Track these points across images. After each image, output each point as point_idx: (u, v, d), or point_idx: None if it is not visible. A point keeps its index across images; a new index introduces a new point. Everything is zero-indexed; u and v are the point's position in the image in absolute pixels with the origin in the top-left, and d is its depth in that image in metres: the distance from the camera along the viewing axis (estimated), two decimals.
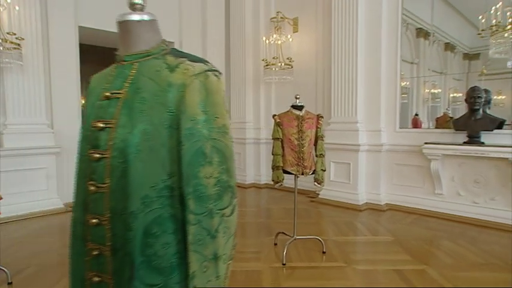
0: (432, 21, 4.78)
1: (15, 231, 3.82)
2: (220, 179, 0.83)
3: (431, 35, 4.93)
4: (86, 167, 0.85)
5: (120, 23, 0.89)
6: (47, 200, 4.51)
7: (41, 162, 4.45)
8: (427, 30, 4.98)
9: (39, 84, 4.50)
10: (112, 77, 0.88)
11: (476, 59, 4.83)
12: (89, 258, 0.85)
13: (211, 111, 0.82)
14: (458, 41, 5.02)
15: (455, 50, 5.06)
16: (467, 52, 4.92)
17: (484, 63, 4.62)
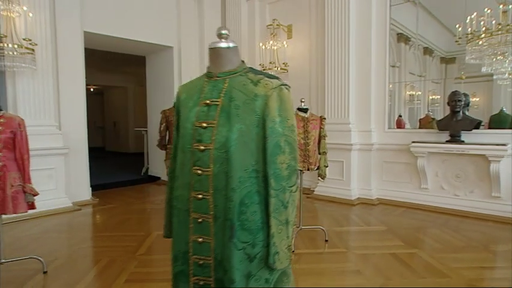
0: (417, 30, 5.20)
1: (31, 228, 3.99)
2: (290, 164, 1.14)
3: (411, 40, 5.37)
4: (190, 156, 1.14)
5: (211, 49, 1.19)
6: (56, 199, 4.67)
7: (50, 163, 4.60)
8: (407, 36, 5.41)
9: (48, 87, 4.66)
10: (207, 89, 1.17)
11: (452, 63, 5.28)
12: (193, 225, 1.14)
13: (284, 115, 1.13)
14: (435, 46, 5.47)
15: (433, 54, 5.50)
16: (444, 56, 5.38)
17: (460, 66, 5.06)
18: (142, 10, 5.91)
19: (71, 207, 4.77)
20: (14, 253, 3.06)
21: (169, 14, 6.31)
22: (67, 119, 4.98)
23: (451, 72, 5.28)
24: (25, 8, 4.09)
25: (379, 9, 5.12)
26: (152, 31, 6.08)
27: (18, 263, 2.86)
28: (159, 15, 6.17)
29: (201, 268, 1.15)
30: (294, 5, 6.10)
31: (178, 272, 1.18)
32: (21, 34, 4.10)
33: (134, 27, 5.82)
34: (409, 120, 5.58)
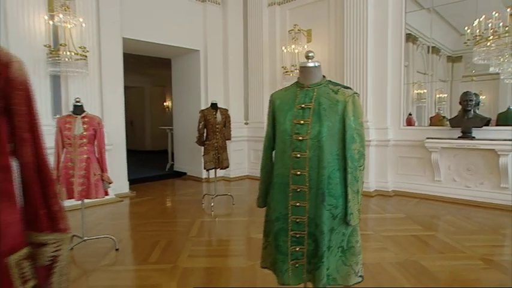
0: (431, 34, 5.58)
1: (88, 215, 4.47)
2: (360, 150, 1.60)
3: (418, 40, 5.74)
4: (290, 145, 1.60)
5: (302, 67, 1.65)
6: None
7: None
8: (415, 35, 5.76)
9: (94, 90, 5.15)
10: (300, 96, 1.63)
11: (459, 62, 5.63)
12: (292, 194, 1.60)
13: (356, 115, 1.59)
14: (442, 45, 5.72)
15: (440, 53, 5.86)
16: (451, 55, 5.73)
17: (466, 65, 5.40)
18: (172, 17, 6.38)
19: (114, 199, 5.25)
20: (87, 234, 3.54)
21: (196, 19, 6.78)
22: (109, 118, 5.46)
23: (458, 71, 5.62)
24: (81, 20, 4.56)
25: (395, 15, 5.54)
26: (180, 36, 6.55)
27: (94, 241, 3.34)
28: (187, 21, 6.64)
29: (297, 225, 1.60)
30: (313, 11, 6.54)
31: (279, 229, 1.64)
32: (77, 43, 4.57)
33: (165, 32, 6.29)
34: (416, 118, 5.94)
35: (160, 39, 6.31)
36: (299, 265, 1.63)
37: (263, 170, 1.81)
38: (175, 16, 6.45)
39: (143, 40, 6.13)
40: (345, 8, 5.78)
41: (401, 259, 2.98)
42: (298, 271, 1.63)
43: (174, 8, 6.43)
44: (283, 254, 1.63)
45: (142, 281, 2.65)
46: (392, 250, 3.19)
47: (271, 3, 7.04)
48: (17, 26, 4.40)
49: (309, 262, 1.62)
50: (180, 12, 6.52)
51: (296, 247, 1.61)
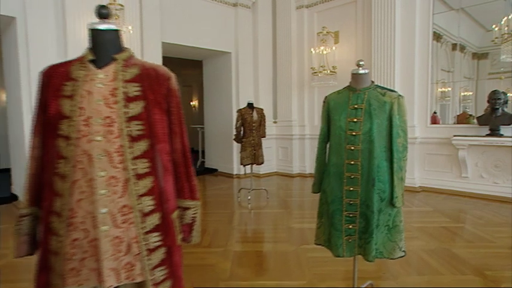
0: (459, 33, 5.69)
1: None
2: (403, 144, 1.88)
3: (442, 37, 5.83)
4: (344, 139, 1.90)
5: (354, 74, 1.94)
6: None
7: None
8: (439, 33, 5.85)
9: None
10: (353, 98, 1.93)
11: (484, 58, 5.69)
12: (346, 180, 1.91)
13: (400, 114, 1.87)
14: (467, 41, 5.69)
15: (465, 50, 5.92)
16: (476, 52, 5.80)
17: (492, 62, 5.43)
18: (206, 21, 6.76)
19: None
20: None
21: (228, 23, 7.14)
22: None
23: (484, 68, 5.66)
24: (130, 27, 4.99)
25: (422, 16, 5.72)
26: (213, 39, 6.92)
27: None
28: (220, 24, 7.01)
29: (350, 206, 1.91)
30: (341, 13, 6.78)
31: (335, 209, 1.95)
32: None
33: (199, 36, 6.67)
34: (440, 116, 6.02)
35: (195, 42, 6.70)
36: (351, 240, 1.93)
37: (318, 160, 2.12)
38: (208, 20, 6.82)
39: (179, 44, 6.53)
40: (373, 10, 6.00)
41: (433, 247, 3.23)
42: (350, 245, 1.94)
43: (208, 13, 6.81)
44: (338, 231, 1.94)
45: (200, 261, 3.01)
46: (423, 239, 3.44)
47: (300, 6, 7.32)
48: (74, 35, 4.87)
49: (360, 238, 1.92)
50: (214, 16, 6.89)
51: (349, 225, 1.92)
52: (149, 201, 1.07)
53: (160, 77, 1.12)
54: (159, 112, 1.10)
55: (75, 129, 1.01)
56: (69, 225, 1.01)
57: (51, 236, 1.04)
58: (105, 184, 1.01)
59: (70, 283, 1.02)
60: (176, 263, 1.14)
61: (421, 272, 2.73)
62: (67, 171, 1.01)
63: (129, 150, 1.03)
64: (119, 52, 1.12)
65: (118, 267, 1.03)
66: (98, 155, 1.01)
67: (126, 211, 1.04)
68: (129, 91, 1.06)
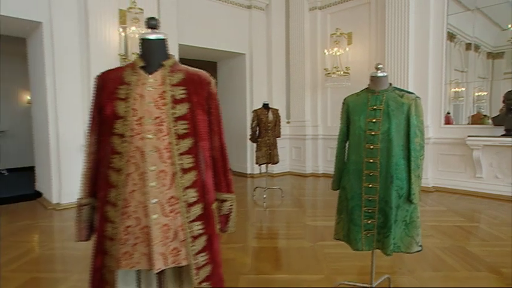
0: (474, 33, 5.69)
1: None
2: (420, 143, 1.97)
3: (456, 37, 5.82)
4: (364, 138, 2.00)
5: (373, 77, 2.04)
6: None
7: None
8: (453, 33, 5.82)
9: None
10: (371, 100, 2.02)
11: (500, 58, 5.65)
12: (365, 177, 2.00)
13: (418, 114, 1.96)
14: (482, 41, 5.63)
15: (479, 49, 5.89)
16: (491, 51, 5.75)
17: (508, 61, 5.35)
18: (221, 23, 6.90)
19: None
20: None
21: (242, 25, 7.27)
22: None
23: (499, 68, 5.57)
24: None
25: (436, 17, 5.74)
26: (228, 40, 7.06)
27: None
28: (234, 26, 7.14)
29: (369, 202, 2.00)
30: (354, 14, 6.84)
31: (354, 205, 2.04)
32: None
33: (214, 38, 6.82)
34: (454, 116, 6.01)
35: (210, 44, 6.85)
36: (370, 235, 2.03)
37: (337, 159, 2.22)
38: (223, 22, 6.96)
39: (195, 45, 6.69)
40: (387, 11, 6.05)
41: (447, 244, 3.29)
42: (369, 240, 2.03)
43: (223, 15, 6.95)
44: (357, 226, 2.03)
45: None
46: (437, 237, 3.50)
47: (313, 8, 7.40)
48: (96, 38, 5.06)
49: (379, 233, 2.01)
50: (228, 18, 7.03)
51: (368, 220, 2.01)
52: (193, 193, 1.19)
53: (202, 81, 1.24)
54: (201, 113, 1.22)
55: (129, 128, 1.13)
56: (123, 214, 1.14)
57: (106, 224, 1.17)
58: (155, 177, 1.13)
59: (123, 265, 1.15)
60: (216, 249, 1.26)
61: (436, 268, 2.80)
62: (121, 165, 1.14)
63: (176, 147, 1.16)
64: (165, 59, 1.24)
65: (166, 252, 1.16)
66: (149, 151, 1.13)
67: (173, 202, 1.16)
68: (176, 94, 1.18)
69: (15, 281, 2.71)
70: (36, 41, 5.21)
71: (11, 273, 2.85)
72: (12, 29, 5.31)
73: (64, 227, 4.21)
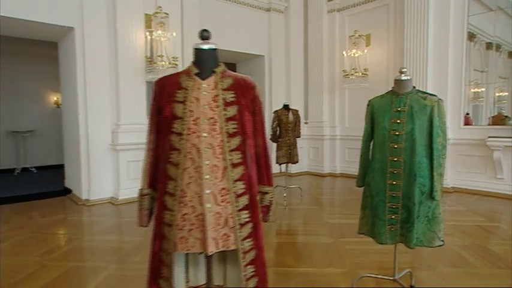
0: (495, 32, 5.66)
1: None
2: (443, 142, 2.08)
3: (476, 37, 5.79)
4: (388, 138, 2.11)
5: (397, 80, 2.15)
6: None
7: None
8: (473, 32, 5.80)
9: None
10: (395, 102, 2.14)
11: None
12: (389, 175, 2.12)
13: (440, 116, 2.07)
14: (503, 40, 5.57)
15: (500, 49, 5.84)
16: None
17: None
18: (240, 25, 7.07)
19: None
20: None
21: (262, 27, 7.43)
22: None
23: None
24: (174, 34, 5.37)
25: (456, 18, 5.75)
26: (248, 42, 7.22)
27: None
28: (253, 28, 7.30)
29: (393, 198, 2.12)
30: (372, 16, 6.90)
31: (379, 201, 2.16)
32: (170, 53, 5.39)
33: (234, 40, 6.99)
34: (473, 117, 5.98)
35: (231, 46, 7.01)
36: (394, 229, 2.14)
37: (362, 157, 2.35)
38: (243, 25, 7.13)
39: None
40: (406, 13, 6.09)
41: (467, 243, 3.36)
42: (393, 234, 2.15)
43: (243, 18, 7.12)
44: (381, 220, 2.15)
45: None
46: (457, 236, 3.56)
47: (331, 10, 7.50)
48: (123, 41, 5.29)
49: (402, 227, 2.13)
50: (248, 21, 7.19)
51: (392, 215, 2.13)
52: (241, 185, 1.34)
53: (248, 86, 1.40)
54: (248, 114, 1.37)
55: (186, 127, 1.30)
56: (180, 203, 1.30)
57: (164, 211, 1.33)
58: (209, 171, 1.29)
59: (179, 249, 1.31)
60: (259, 236, 1.41)
61: (456, 264, 2.88)
62: (179, 160, 1.30)
63: (227, 144, 1.31)
64: (216, 66, 1.40)
65: (217, 237, 1.31)
66: (204, 148, 1.29)
67: (224, 192, 1.31)
68: (226, 97, 1.34)
69: (58, 269, 2.93)
70: (68, 45, 5.49)
71: (52, 262, 3.08)
72: (45, 34, 5.61)
73: (95, 221, 4.45)
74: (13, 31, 5.39)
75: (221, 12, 6.81)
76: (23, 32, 5.41)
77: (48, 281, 2.71)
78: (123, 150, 5.32)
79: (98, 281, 2.68)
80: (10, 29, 5.24)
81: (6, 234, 3.89)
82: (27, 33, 5.57)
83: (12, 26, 4.95)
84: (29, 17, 4.70)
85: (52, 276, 2.79)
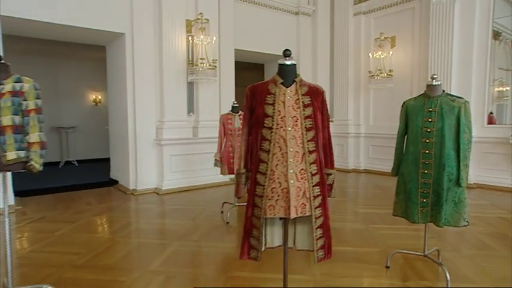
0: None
1: (216, 192, 5.77)
2: (468, 138, 2.46)
3: (501, 35, 5.96)
4: (421, 134, 2.50)
5: (429, 85, 2.54)
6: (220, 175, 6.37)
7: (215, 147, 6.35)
8: (498, 30, 5.95)
9: (215, 92, 6.44)
10: (427, 103, 2.53)
11: None
12: (421, 165, 2.51)
13: (466, 115, 2.44)
14: None
15: None
16: None
17: None
18: (271, 28, 7.47)
19: (228, 182, 6.49)
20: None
21: (290, 29, 7.83)
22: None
23: None
24: (214, 38, 5.85)
25: (482, 19, 5.98)
26: (276, 44, 7.61)
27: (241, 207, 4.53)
28: (283, 31, 7.71)
29: (424, 185, 2.51)
30: (398, 18, 7.20)
31: (412, 187, 2.55)
32: (209, 56, 5.86)
33: (264, 42, 7.40)
34: (497, 116, 6.18)
35: (261, 48, 7.44)
36: (425, 211, 2.54)
37: (397, 151, 2.74)
38: (273, 28, 7.54)
39: (248, 50, 7.31)
40: (431, 15, 6.36)
41: (490, 231, 3.69)
42: (424, 215, 2.54)
43: (273, 21, 7.53)
44: (414, 204, 2.55)
45: None
46: (480, 225, 3.90)
47: (357, 13, 7.82)
48: (168, 45, 5.81)
49: (432, 209, 2.52)
50: (277, 24, 7.60)
51: (423, 199, 2.52)
52: (314, 167, 1.77)
53: (318, 92, 1.83)
54: (319, 113, 1.80)
55: (275, 123, 1.74)
56: (270, 180, 1.74)
57: (257, 186, 1.78)
58: (293, 155, 1.73)
59: (268, 214, 1.76)
60: (326, 206, 1.83)
61: (478, 248, 3.24)
62: (269, 148, 1.74)
63: (305, 136, 1.75)
64: (295, 77, 1.83)
65: (297, 205, 1.75)
66: (289, 138, 1.73)
67: (303, 172, 1.75)
68: (304, 101, 1.77)
69: (129, 244, 3.45)
70: (117, 49, 6.05)
71: (122, 239, 3.60)
72: (95, 39, 6.18)
73: (146, 208, 4.97)
74: (65, 36, 5.97)
75: (252, 16, 7.23)
76: (75, 37, 5.98)
77: (125, 253, 3.22)
78: (167, 145, 5.84)
79: (166, 254, 3.17)
80: (64, 35, 5.83)
81: (72, 216, 4.46)
82: (78, 38, 6.15)
83: (66, 32, 5.50)
84: (86, 25, 5.26)
85: (127, 249, 3.31)
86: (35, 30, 5.47)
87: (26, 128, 2.13)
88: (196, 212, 4.64)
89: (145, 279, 2.63)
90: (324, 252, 1.84)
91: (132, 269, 2.84)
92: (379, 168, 7.60)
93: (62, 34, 5.73)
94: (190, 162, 6.13)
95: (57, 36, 5.99)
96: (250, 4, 7.18)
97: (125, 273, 2.76)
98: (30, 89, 2.15)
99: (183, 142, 6.04)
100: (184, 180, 6.01)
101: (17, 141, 2.11)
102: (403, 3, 7.10)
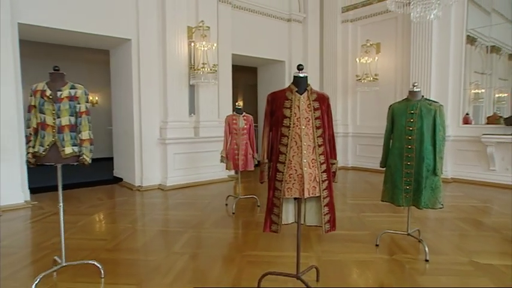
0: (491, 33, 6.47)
1: (218, 188, 6.20)
2: (442, 135, 2.99)
3: (477, 40, 6.62)
4: (404, 132, 3.02)
5: (411, 91, 3.06)
6: (219, 172, 6.82)
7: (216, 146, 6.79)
8: (474, 36, 6.61)
9: (215, 95, 6.87)
10: (409, 107, 3.05)
11: None
12: (404, 158, 3.03)
13: (441, 116, 2.98)
14: (503, 43, 6.26)
15: (500, 52, 6.63)
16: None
17: None
18: (264, 34, 7.94)
19: (226, 179, 6.93)
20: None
21: (282, 36, 8.32)
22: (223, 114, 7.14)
23: None
24: (215, 44, 6.29)
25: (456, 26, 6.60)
26: (270, 49, 8.12)
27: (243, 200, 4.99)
28: (276, 37, 8.19)
29: (407, 174, 3.02)
30: (382, 26, 7.79)
31: (397, 176, 3.06)
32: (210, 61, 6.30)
33: (258, 47, 7.88)
34: (473, 117, 6.80)
35: (255, 52, 7.91)
36: (408, 196, 3.05)
37: (385, 146, 3.25)
38: (266, 33, 8.01)
39: (243, 54, 7.77)
40: (412, 24, 6.96)
41: (463, 217, 4.27)
42: (407, 199, 3.06)
43: (266, 28, 8.00)
44: (399, 190, 3.06)
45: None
46: (455, 212, 4.47)
47: (345, 20, 8.39)
48: (171, 50, 6.21)
49: (414, 194, 3.03)
50: (271, 30, 8.08)
51: (407, 186, 3.04)
52: (322, 158, 2.25)
53: (324, 98, 2.30)
54: (325, 115, 2.27)
55: (292, 123, 2.20)
56: (288, 167, 2.21)
57: (277, 173, 2.24)
58: (306, 148, 2.20)
59: (286, 195, 2.22)
60: (332, 189, 2.31)
61: (453, 229, 3.79)
62: (287, 142, 2.20)
63: (315, 133, 2.22)
64: (307, 86, 2.30)
65: (309, 188, 2.21)
66: (303, 135, 2.20)
67: (313, 161, 2.22)
68: (314, 105, 2.24)
69: (149, 232, 3.86)
70: (122, 53, 6.40)
71: (142, 227, 4.00)
72: (101, 44, 6.52)
73: (154, 202, 5.36)
74: (74, 41, 6.30)
75: (247, 23, 7.68)
76: (83, 41, 6.31)
77: (148, 239, 3.63)
78: (170, 144, 6.24)
79: (184, 239, 3.59)
80: (74, 40, 6.16)
81: (88, 210, 4.81)
82: (85, 43, 6.48)
83: (76, 37, 5.83)
84: (97, 32, 5.61)
85: (148, 236, 3.72)
86: (46, 36, 5.79)
87: (78, 127, 2.54)
88: (202, 204, 5.06)
89: (172, 258, 3.06)
90: (330, 225, 2.32)
91: (159, 251, 3.25)
92: (365, 165, 8.19)
93: (72, 39, 6.05)
94: (192, 160, 6.54)
95: (66, 41, 6.29)
96: (245, 11, 7.63)
97: (153, 254, 3.18)
98: (82, 94, 2.56)
99: (186, 141, 6.45)
100: (187, 177, 6.42)
101: (72, 138, 2.51)
102: (387, 12, 7.66)
